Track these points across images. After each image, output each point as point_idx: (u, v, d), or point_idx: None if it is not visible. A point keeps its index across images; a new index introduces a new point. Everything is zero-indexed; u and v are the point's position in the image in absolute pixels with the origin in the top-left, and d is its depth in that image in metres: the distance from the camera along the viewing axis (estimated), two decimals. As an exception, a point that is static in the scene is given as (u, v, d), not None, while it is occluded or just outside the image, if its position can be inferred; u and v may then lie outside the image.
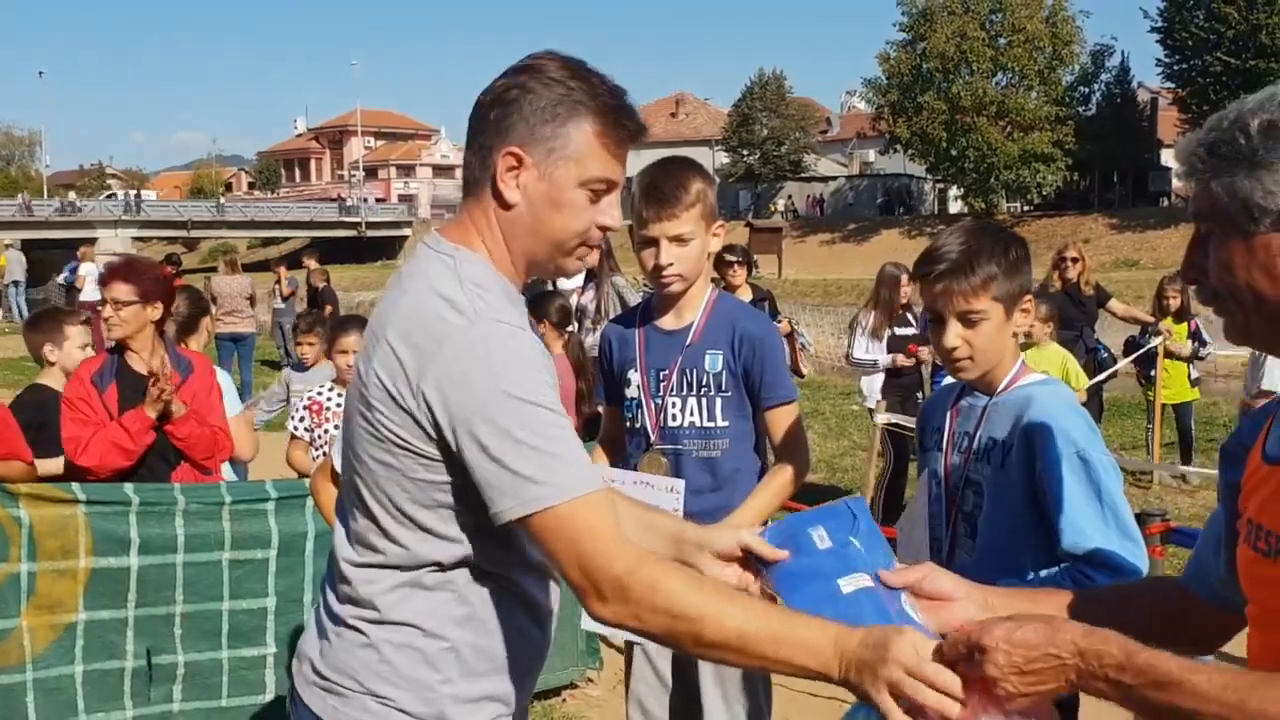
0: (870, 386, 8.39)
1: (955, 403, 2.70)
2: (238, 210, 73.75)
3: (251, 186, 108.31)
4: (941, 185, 60.04)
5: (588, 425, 6.21)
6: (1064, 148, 50.28)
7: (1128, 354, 10.04)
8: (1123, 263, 43.56)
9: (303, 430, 5.46)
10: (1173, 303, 9.85)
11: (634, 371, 3.33)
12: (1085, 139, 50.32)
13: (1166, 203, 54.85)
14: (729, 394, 3.22)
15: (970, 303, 2.51)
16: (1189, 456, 10.04)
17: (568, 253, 1.98)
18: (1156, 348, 9.67)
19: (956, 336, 2.53)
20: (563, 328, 6.61)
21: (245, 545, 4.39)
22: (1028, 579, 2.45)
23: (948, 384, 2.87)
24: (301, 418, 5.49)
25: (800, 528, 1.96)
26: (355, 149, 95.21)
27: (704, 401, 3.23)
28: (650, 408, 3.28)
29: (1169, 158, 55.23)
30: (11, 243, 36.35)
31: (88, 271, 21.60)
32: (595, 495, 1.79)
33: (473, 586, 1.94)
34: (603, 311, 11.11)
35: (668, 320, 3.30)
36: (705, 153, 67.39)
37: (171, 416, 4.49)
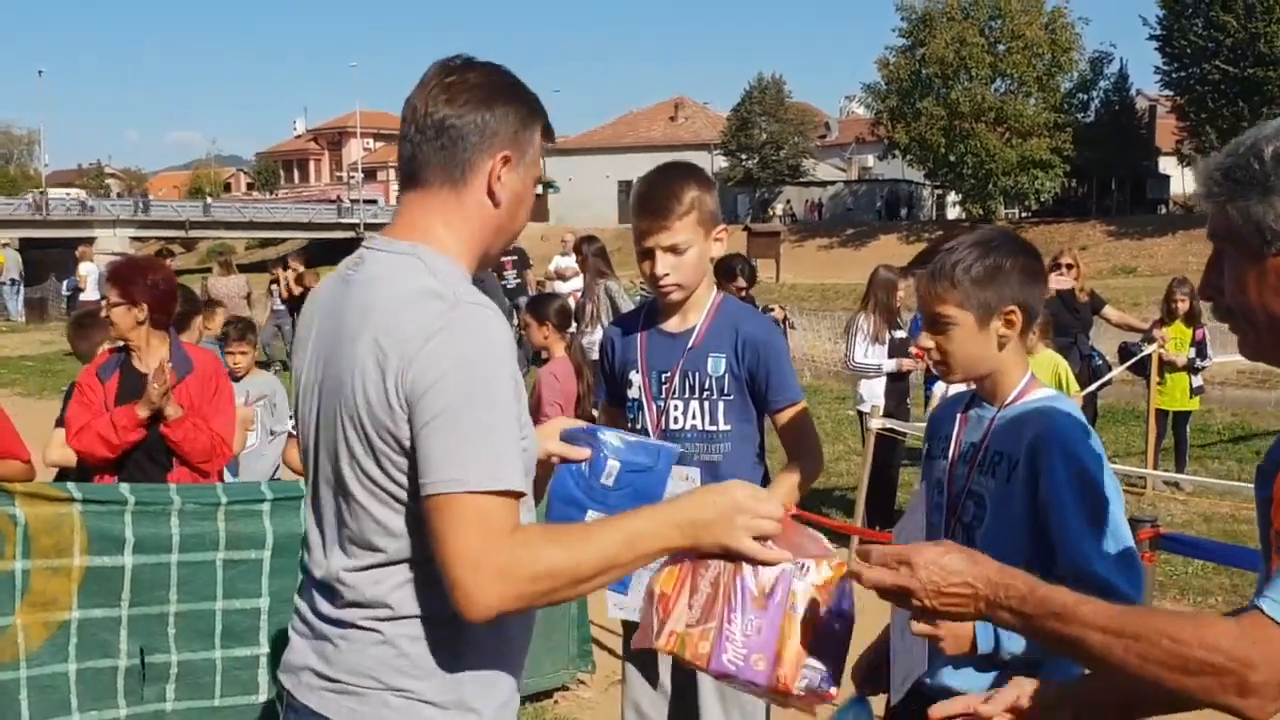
0: (871, 391, 8.38)
1: (964, 411, 2.68)
2: (234, 211, 73.77)
3: (250, 187, 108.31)
4: (940, 191, 60.10)
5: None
6: (1062, 154, 50.33)
7: (1122, 361, 10.06)
8: (1120, 270, 43.65)
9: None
10: (1181, 306, 9.89)
11: (635, 373, 3.33)
12: (1083, 146, 50.35)
13: (1164, 210, 54.98)
14: (731, 398, 3.22)
15: (937, 307, 2.54)
16: (1183, 464, 10.08)
17: (505, 248, 2.21)
18: (1151, 355, 9.71)
19: (929, 338, 2.57)
20: (564, 329, 6.63)
21: (240, 546, 4.39)
22: None
23: (958, 392, 2.85)
24: None
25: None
26: (354, 150, 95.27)
27: (706, 405, 3.23)
28: (651, 410, 3.29)
29: (1167, 165, 55.41)
30: (8, 242, 36.29)
31: (87, 271, 21.61)
32: (507, 497, 1.84)
33: None
34: (594, 315, 11.17)
35: (671, 323, 3.30)
36: (704, 157, 67.32)
37: (167, 418, 4.54)
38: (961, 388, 2.76)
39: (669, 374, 3.25)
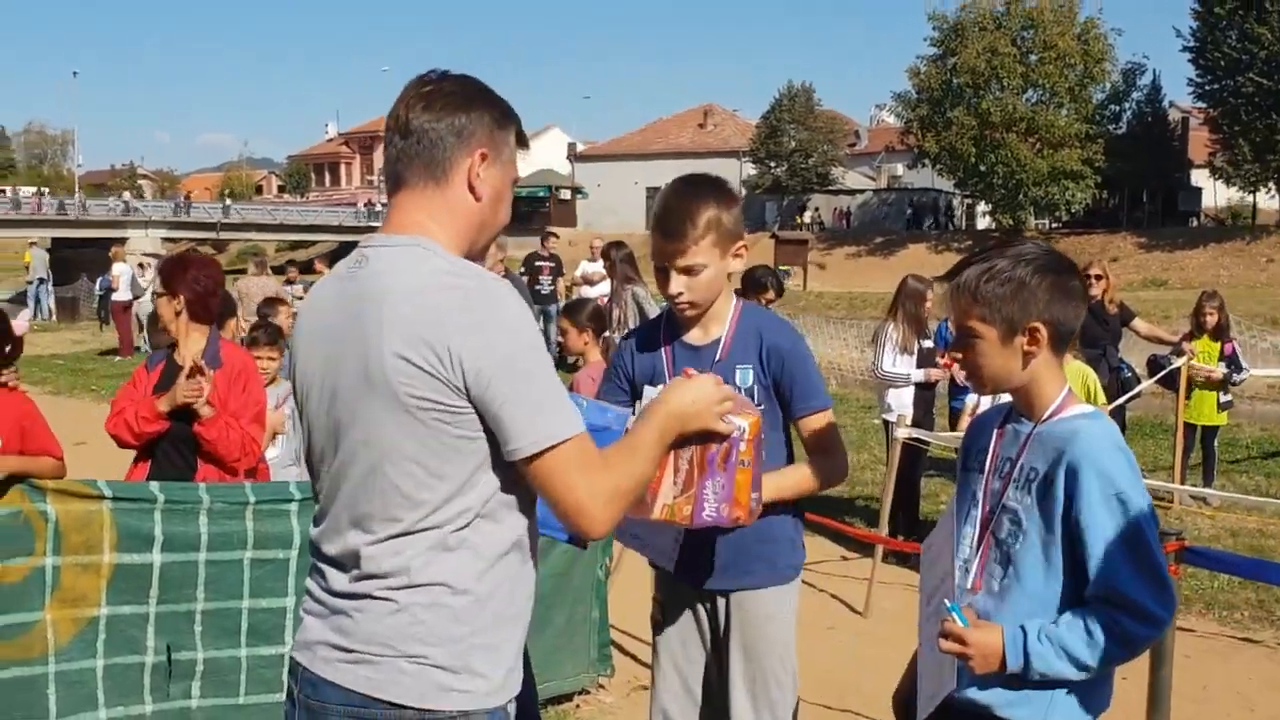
0: (898, 400, 8.36)
1: (1001, 426, 2.67)
2: (265, 213, 74.17)
3: (281, 190, 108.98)
4: (969, 200, 59.81)
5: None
6: (1094, 165, 49.89)
7: (1151, 374, 10.00)
8: (1151, 282, 43.32)
9: None
10: (1210, 320, 9.84)
11: (663, 385, 3.30)
12: (1115, 157, 49.92)
13: (1196, 223, 54.58)
14: (761, 407, 3.14)
15: (962, 320, 2.56)
16: (1211, 478, 10.02)
17: (490, 244, 2.34)
18: (1180, 368, 9.65)
19: (958, 350, 2.60)
20: (599, 333, 6.63)
21: (267, 545, 4.43)
22: (1054, 616, 2.45)
23: (996, 405, 2.84)
24: None
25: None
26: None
27: None
28: None
29: (1199, 178, 54.97)
30: (36, 241, 36.57)
31: (120, 271, 21.76)
32: (584, 434, 2.09)
33: (488, 540, 2.10)
34: (621, 320, 11.19)
35: (694, 335, 3.26)
36: (733, 164, 67.32)
37: (200, 416, 4.62)
38: (1004, 398, 2.74)
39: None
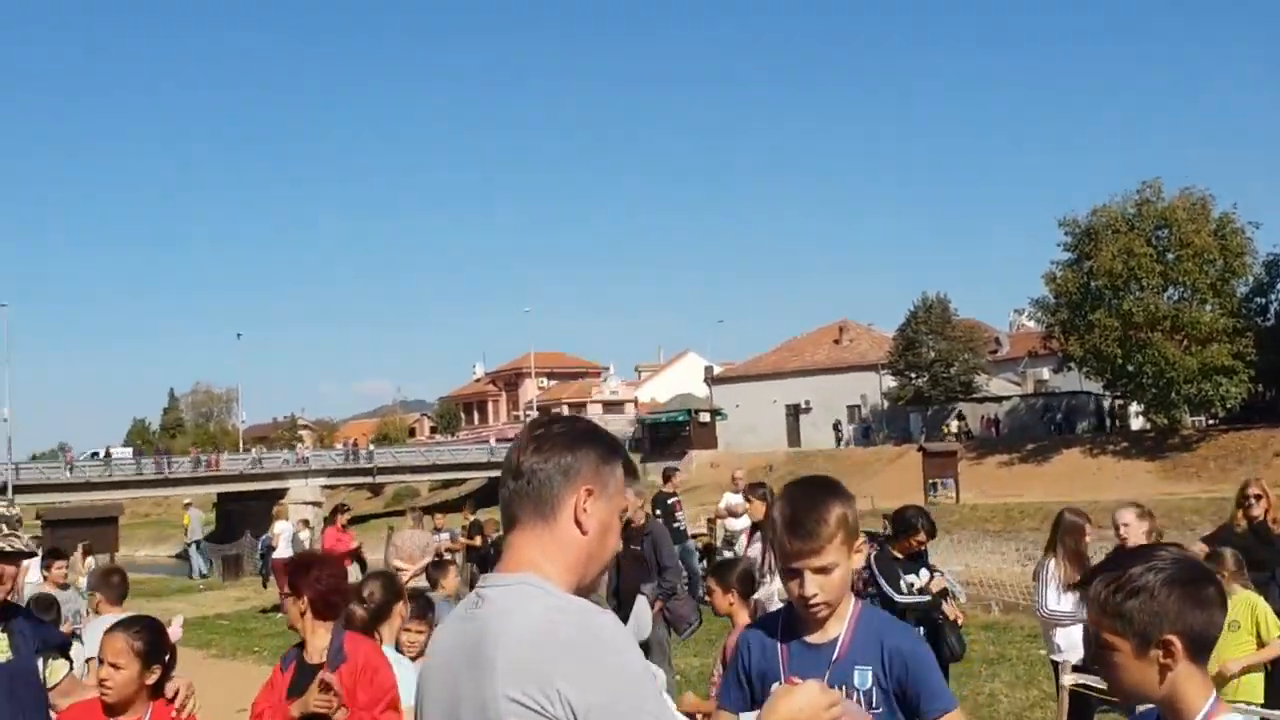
0: (1068, 639, 8.09)
1: None
2: (419, 454, 76.21)
3: (433, 430, 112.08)
4: (1120, 401, 58.45)
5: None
6: (1245, 359, 48.63)
7: (1329, 595, 9.47)
8: (1323, 476, 41.43)
9: None
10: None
11: (778, 684, 3.29)
12: (1267, 349, 48.63)
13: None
14: (879, 710, 3.13)
15: (1096, 631, 2.54)
16: None
17: (603, 573, 2.39)
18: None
19: (1094, 662, 2.57)
20: (747, 595, 6.47)
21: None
22: None
23: (1144, 709, 2.72)
24: None
25: None
26: (529, 390, 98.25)
27: None
28: None
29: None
30: (191, 501, 38.08)
31: (280, 529, 22.45)
32: None
33: None
34: (772, 564, 11.11)
35: (813, 634, 3.25)
36: (871, 377, 67.34)
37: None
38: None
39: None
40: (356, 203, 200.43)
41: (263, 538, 25.39)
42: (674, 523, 17.49)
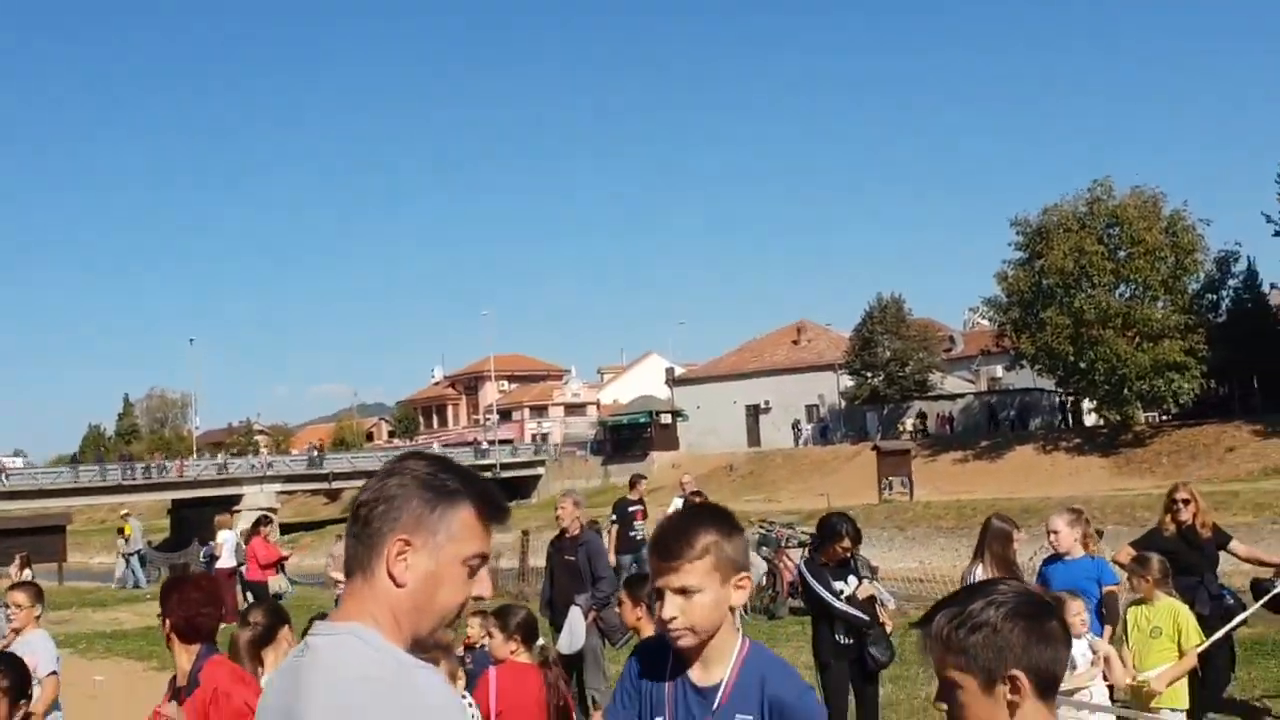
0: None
1: None
2: (375, 460, 75.74)
3: (391, 434, 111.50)
4: (1074, 398, 58.95)
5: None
6: (1197, 355, 49.16)
7: (1256, 598, 9.51)
8: (1272, 470, 41.83)
9: None
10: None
11: None
12: (1219, 345, 49.18)
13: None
14: None
15: (940, 670, 2.45)
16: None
17: (449, 623, 2.22)
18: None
19: (940, 700, 2.47)
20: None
21: None
22: None
23: None
24: None
25: None
26: (490, 393, 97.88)
27: None
28: None
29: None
30: (128, 511, 37.70)
31: (224, 539, 22.21)
32: None
33: None
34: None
35: (696, 673, 3.13)
36: (829, 377, 67.58)
37: None
38: None
39: None
40: (310, 204, 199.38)
41: (205, 548, 25.10)
42: (631, 531, 17.37)
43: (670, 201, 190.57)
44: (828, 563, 8.37)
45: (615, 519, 17.69)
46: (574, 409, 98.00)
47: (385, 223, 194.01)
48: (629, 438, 73.21)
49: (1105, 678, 7.30)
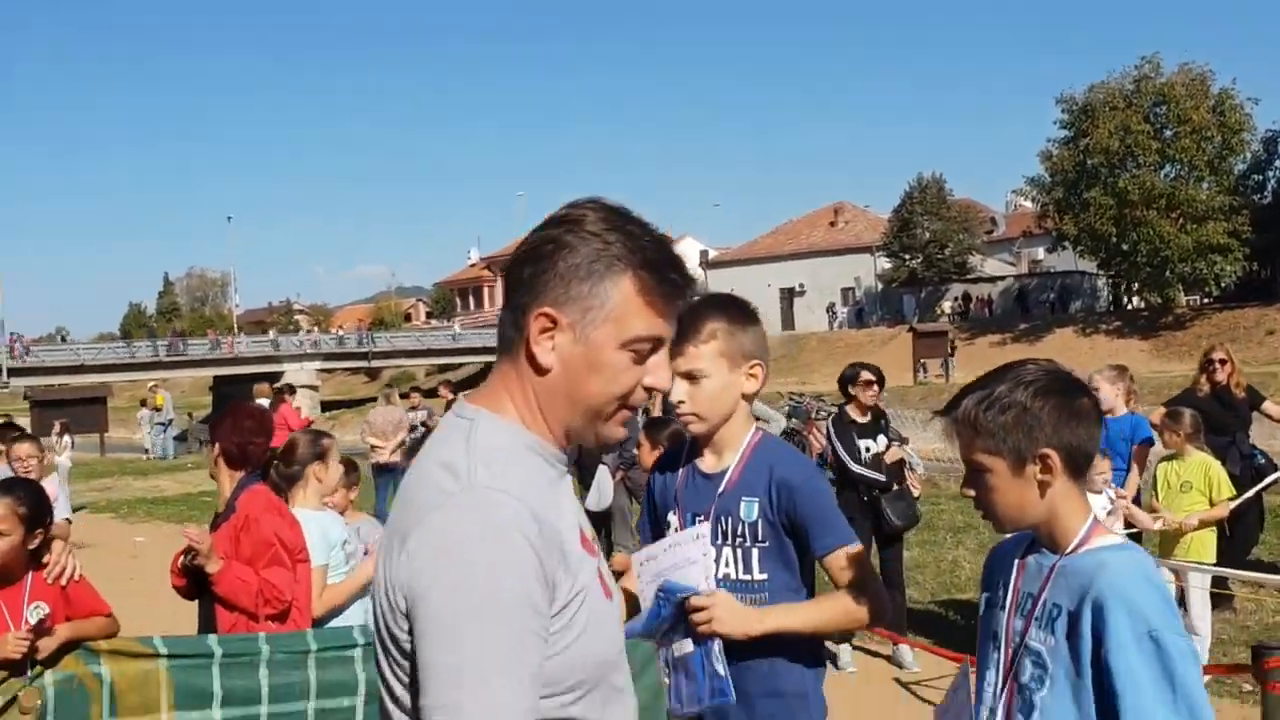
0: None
1: (1022, 557, 2.47)
2: (414, 339, 76.40)
3: (429, 316, 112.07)
4: (1115, 280, 58.24)
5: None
6: (1241, 238, 48.27)
7: (1290, 459, 9.43)
8: (1313, 353, 41.36)
9: None
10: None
11: (673, 514, 3.16)
12: (1264, 228, 48.23)
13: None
14: (766, 544, 2.98)
15: (967, 455, 2.40)
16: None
17: (607, 418, 1.84)
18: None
19: (968, 487, 2.42)
20: None
21: (331, 693, 4.36)
22: None
23: (1016, 535, 2.58)
24: None
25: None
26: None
27: (739, 552, 3.00)
28: None
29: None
30: (156, 383, 38.17)
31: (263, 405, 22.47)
32: None
33: None
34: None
35: (707, 462, 3.12)
36: (866, 259, 67.01)
37: (209, 572, 4.57)
38: None
39: (702, 518, 3.06)
40: (348, 89, 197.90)
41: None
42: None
43: (707, 83, 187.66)
44: (855, 421, 8.29)
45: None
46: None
47: (422, 104, 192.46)
48: (664, 319, 73.12)
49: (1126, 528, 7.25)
